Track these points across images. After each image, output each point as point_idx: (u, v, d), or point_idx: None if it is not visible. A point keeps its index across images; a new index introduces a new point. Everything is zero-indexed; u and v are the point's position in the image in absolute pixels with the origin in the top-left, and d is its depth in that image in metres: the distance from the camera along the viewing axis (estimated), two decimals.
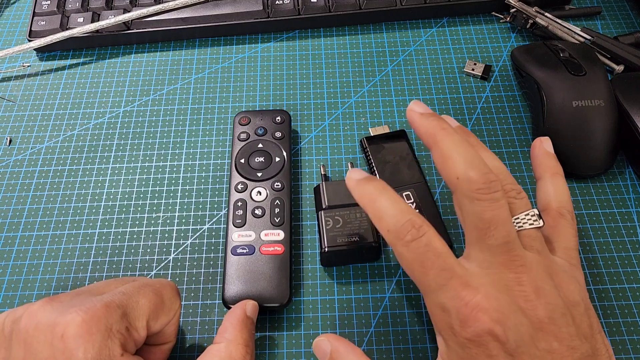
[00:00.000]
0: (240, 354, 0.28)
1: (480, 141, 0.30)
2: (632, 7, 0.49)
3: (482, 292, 0.24)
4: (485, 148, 0.30)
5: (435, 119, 0.29)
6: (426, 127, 0.28)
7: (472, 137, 0.30)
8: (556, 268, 0.27)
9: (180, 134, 0.42)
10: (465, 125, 0.42)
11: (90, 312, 0.25)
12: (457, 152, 0.27)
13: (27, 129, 0.43)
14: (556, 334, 0.24)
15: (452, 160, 0.27)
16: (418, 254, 0.25)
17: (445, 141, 0.27)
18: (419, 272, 0.26)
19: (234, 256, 0.34)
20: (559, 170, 0.32)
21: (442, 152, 0.27)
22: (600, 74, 0.40)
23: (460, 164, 0.26)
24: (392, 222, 0.26)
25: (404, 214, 0.26)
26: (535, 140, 0.33)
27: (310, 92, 0.44)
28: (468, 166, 0.26)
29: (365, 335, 0.33)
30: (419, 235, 0.25)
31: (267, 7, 0.47)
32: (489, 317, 0.24)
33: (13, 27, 0.50)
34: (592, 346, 0.25)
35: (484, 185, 0.26)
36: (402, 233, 0.26)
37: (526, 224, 0.27)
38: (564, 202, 0.30)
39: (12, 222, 0.39)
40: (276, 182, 0.37)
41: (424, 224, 0.26)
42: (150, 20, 0.46)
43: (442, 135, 0.28)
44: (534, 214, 0.27)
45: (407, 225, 0.26)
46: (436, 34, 0.47)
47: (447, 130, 0.28)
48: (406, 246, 0.26)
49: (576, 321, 0.25)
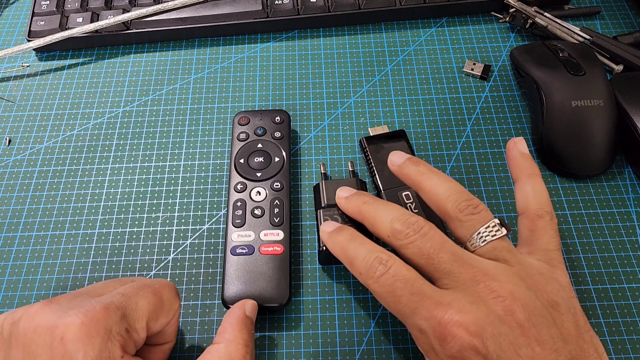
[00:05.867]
0: (240, 354, 0.28)
1: (431, 167, 0.31)
2: (631, 7, 0.49)
3: (455, 306, 0.25)
4: (436, 172, 0.31)
5: (357, 197, 0.32)
6: (352, 207, 0.32)
7: (422, 164, 0.32)
8: (530, 271, 0.27)
9: (179, 134, 0.42)
10: (464, 125, 0.42)
11: (90, 314, 0.25)
12: (378, 215, 0.30)
13: (26, 129, 0.43)
14: (537, 338, 0.24)
15: (378, 223, 0.29)
16: (388, 286, 0.27)
17: (367, 211, 0.31)
18: (392, 301, 0.27)
19: (233, 256, 0.34)
20: (536, 170, 0.31)
21: (369, 221, 0.30)
22: (600, 73, 0.40)
23: (384, 225, 0.29)
24: (362, 264, 0.28)
25: (372, 253, 0.28)
26: (509, 141, 0.33)
27: (310, 92, 0.44)
28: (391, 221, 0.29)
29: (365, 335, 0.33)
30: (387, 269, 0.27)
31: (267, 7, 0.47)
32: (466, 331, 0.24)
33: (12, 27, 0.49)
34: (579, 347, 0.25)
35: (408, 229, 0.28)
36: (371, 271, 0.27)
37: (488, 236, 0.28)
38: (542, 203, 0.30)
39: (11, 222, 0.39)
40: (275, 182, 0.37)
41: (390, 258, 0.27)
42: (149, 20, 0.46)
43: (364, 207, 0.31)
44: (494, 225, 0.28)
45: (374, 263, 0.27)
46: (435, 34, 0.47)
47: (367, 202, 0.31)
48: (377, 282, 0.27)
49: (557, 322, 0.25)
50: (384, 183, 0.37)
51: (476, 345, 0.24)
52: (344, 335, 0.33)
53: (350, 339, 0.33)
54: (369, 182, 0.39)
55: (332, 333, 0.34)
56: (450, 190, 0.29)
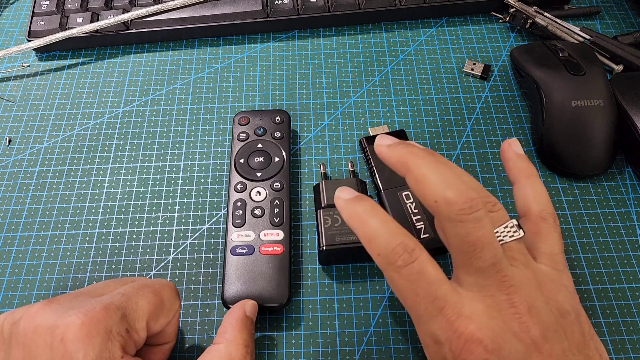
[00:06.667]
0: (240, 354, 0.28)
1: (448, 160, 0.28)
2: (631, 6, 0.49)
3: (475, 321, 0.24)
4: (454, 166, 0.28)
5: (404, 146, 0.28)
6: (397, 155, 0.28)
7: (440, 156, 0.28)
8: (543, 279, 0.26)
9: (179, 134, 0.42)
10: (464, 125, 0.42)
11: (90, 314, 0.25)
12: (431, 173, 0.26)
13: (26, 129, 0.43)
14: (550, 353, 0.24)
15: (428, 183, 0.25)
16: (410, 281, 0.24)
17: (417, 165, 0.26)
18: (410, 300, 0.25)
19: (233, 256, 0.34)
20: (534, 171, 0.30)
21: (416, 176, 0.26)
22: (600, 73, 0.40)
23: (436, 186, 0.25)
24: (382, 246, 0.25)
25: (396, 237, 0.25)
26: (503, 143, 0.31)
27: (310, 92, 0.44)
28: (445, 187, 0.25)
29: (365, 335, 0.33)
30: (411, 261, 0.24)
31: (267, 7, 0.47)
32: (483, 349, 0.23)
33: (12, 27, 0.49)
34: (585, 355, 0.25)
35: (465, 205, 0.24)
36: (393, 257, 0.25)
37: (506, 237, 0.26)
38: (543, 204, 0.29)
39: (11, 223, 0.39)
40: (275, 182, 0.37)
41: (417, 247, 0.25)
42: (149, 20, 0.46)
43: (413, 159, 0.27)
44: (512, 225, 0.26)
45: (398, 249, 0.25)
46: (435, 33, 0.47)
47: (417, 154, 0.27)
48: (397, 272, 0.25)
49: (568, 333, 0.25)
50: (384, 183, 0.37)
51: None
52: (344, 335, 0.33)
53: (350, 339, 0.33)
54: (369, 182, 0.39)
55: (332, 333, 0.34)
56: (470, 184, 0.26)
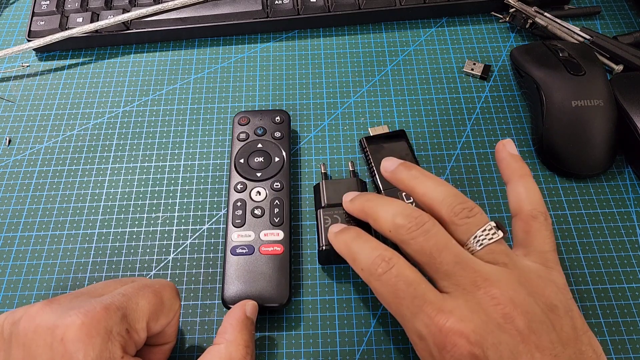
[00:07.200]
0: (240, 355, 0.28)
1: (424, 171, 0.31)
2: (631, 7, 0.49)
3: (456, 314, 0.25)
4: (430, 176, 0.30)
5: (360, 196, 0.32)
6: (356, 207, 0.32)
7: (415, 169, 0.31)
8: (529, 275, 0.27)
9: (179, 134, 0.42)
10: (464, 125, 0.42)
11: (90, 314, 0.25)
12: (381, 210, 0.29)
13: (26, 129, 0.43)
14: (537, 344, 0.24)
15: (380, 218, 0.29)
16: (390, 285, 0.26)
17: (370, 207, 0.31)
18: (393, 303, 0.27)
19: (233, 256, 0.34)
20: (527, 171, 0.31)
21: (372, 217, 0.30)
22: (600, 73, 0.40)
23: (386, 218, 0.29)
24: (364, 260, 0.28)
25: (375, 251, 0.28)
26: (498, 144, 0.32)
27: (310, 92, 0.44)
28: (393, 216, 0.28)
29: (365, 335, 0.34)
30: (389, 267, 0.27)
31: (267, 7, 0.47)
32: (466, 340, 0.24)
33: (12, 27, 0.49)
34: (577, 349, 0.25)
35: (411, 223, 0.27)
36: (373, 268, 0.27)
37: (485, 239, 0.27)
38: (535, 203, 0.29)
39: (11, 223, 0.39)
40: (275, 182, 0.37)
41: (394, 256, 0.27)
42: (149, 20, 0.46)
43: (367, 204, 0.31)
44: (490, 227, 0.28)
45: (377, 260, 0.27)
46: (435, 33, 0.47)
47: (370, 199, 0.31)
48: (379, 280, 0.27)
49: (556, 326, 0.25)
50: (384, 183, 0.37)
51: (476, 354, 0.24)
52: (344, 335, 0.33)
53: (350, 339, 0.33)
54: (369, 182, 0.39)
55: (332, 333, 0.34)
56: (444, 193, 0.29)
